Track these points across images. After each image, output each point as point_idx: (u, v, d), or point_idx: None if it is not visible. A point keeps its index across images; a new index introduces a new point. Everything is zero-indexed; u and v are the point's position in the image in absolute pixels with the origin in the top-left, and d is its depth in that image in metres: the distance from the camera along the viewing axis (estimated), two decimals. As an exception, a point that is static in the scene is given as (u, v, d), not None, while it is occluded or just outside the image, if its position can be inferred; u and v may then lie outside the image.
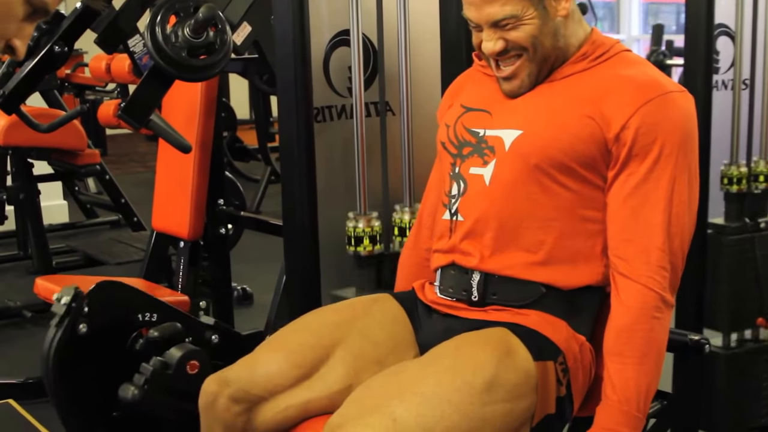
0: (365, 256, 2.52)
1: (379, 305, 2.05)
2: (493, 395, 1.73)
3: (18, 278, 5.45)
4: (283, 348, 1.96)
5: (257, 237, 4.06)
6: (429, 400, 1.69)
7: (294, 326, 2.04)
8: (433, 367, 1.77)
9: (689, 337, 2.03)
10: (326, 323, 2.00)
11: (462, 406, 1.70)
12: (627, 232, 1.86)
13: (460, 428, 1.69)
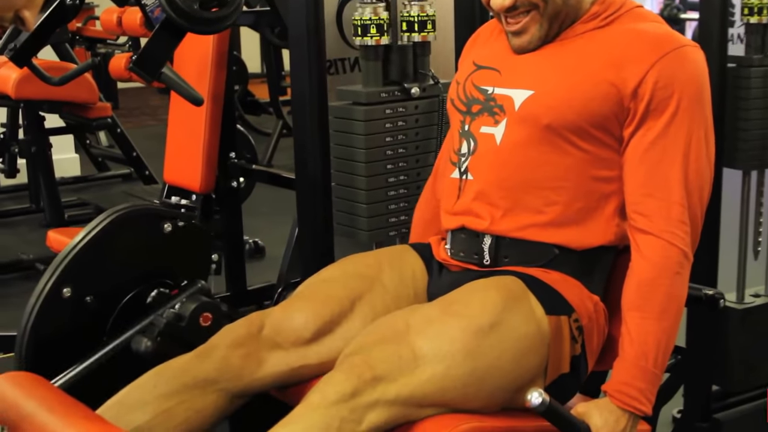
0: (372, 45, 2.47)
1: (402, 259, 2.06)
2: (501, 340, 1.73)
3: (30, 231, 5.46)
4: (311, 298, 1.97)
5: (269, 191, 4.05)
6: (433, 340, 1.71)
7: (324, 275, 2.05)
8: (443, 309, 1.78)
9: (704, 291, 2.02)
10: (354, 274, 2.00)
11: (466, 346, 1.71)
12: (646, 187, 1.84)
13: (462, 368, 1.70)
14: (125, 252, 2.44)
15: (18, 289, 4.73)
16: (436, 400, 1.69)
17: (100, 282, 2.38)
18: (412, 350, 1.70)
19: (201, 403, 1.90)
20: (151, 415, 1.87)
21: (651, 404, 1.78)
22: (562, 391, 1.84)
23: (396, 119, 2.44)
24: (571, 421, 1.73)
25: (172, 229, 2.47)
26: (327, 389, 1.66)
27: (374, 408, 1.65)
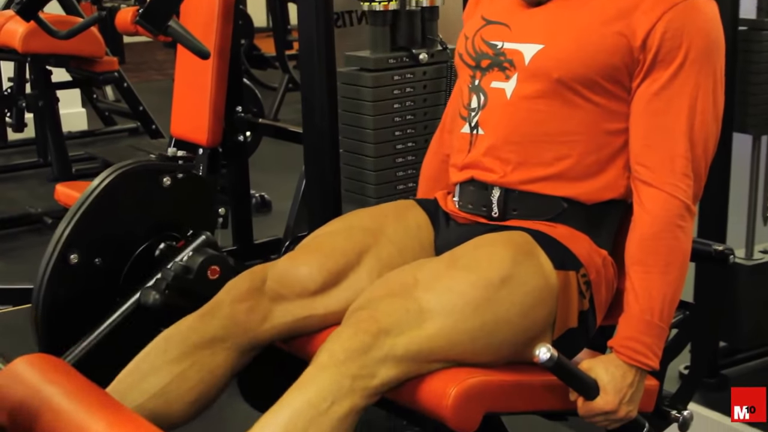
0: (380, 11, 2.45)
1: (409, 213, 2.04)
2: (509, 291, 1.72)
3: (38, 185, 5.47)
4: (317, 251, 1.96)
5: (275, 145, 4.05)
6: (441, 295, 1.70)
7: (328, 229, 2.04)
8: (451, 263, 1.77)
9: (713, 247, 2.00)
10: (360, 227, 1.99)
11: (475, 300, 1.70)
12: (650, 138, 1.83)
13: (471, 322, 1.69)
14: (128, 210, 2.44)
15: (26, 242, 4.75)
16: (444, 354, 1.69)
17: (106, 243, 2.39)
18: (420, 304, 1.69)
19: (213, 362, 1.90)
20: (165, 381, 1.88)
21: (658, 358, 1.78)
22: (570, 345, 1.83)
23: (404, 85, 2.44)
24: (579, 376, 1.73)
25: (171, 182, 2.47)
26: (335, 347, 1.66)
27: (384, 363, 1.65)
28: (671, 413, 1.98)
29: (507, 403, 1.75)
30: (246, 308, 1.90)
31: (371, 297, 1.75)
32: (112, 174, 2.40)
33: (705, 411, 2.66)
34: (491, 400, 1.70)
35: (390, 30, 2.46)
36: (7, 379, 1.87)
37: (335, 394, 1.62)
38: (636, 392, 1.77)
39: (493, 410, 1.72)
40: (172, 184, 2.47)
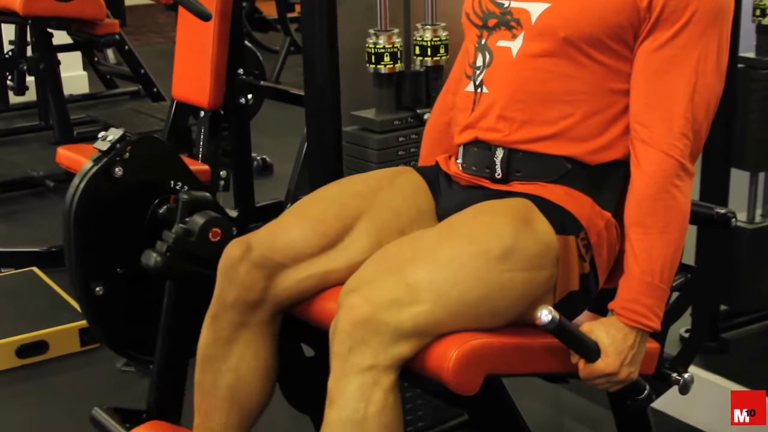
0: (386, 73, 2.47)
1: (402, 177, 2.04)
2: (511, 263, 1.72)
3: (40, 149, 5.47)
4: (307, 216, 1.95)
5: (276, 108, 4.05)
6: (444, 266, 1.69)
7: (318, 195, 2.03)
8: (449, 233, 1.76)
9: (715, 210, 2.00)
10: (351, 193, 1.98)
11: (478, 272, 1.69)
12: (650, 97, 1.82)
13: (476, 294, 1.68)
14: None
15: (28, 205, 4.76)
16: (450, 325, 1.68)
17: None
18: (419, 277, 1.67)
19: (252, 345, 1.96)
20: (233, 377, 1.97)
21: (659, 319, 1.78)
22: (572, 307, 1.84)
23: (409, 146, 2.45)
24: (580, 338, 1.73)
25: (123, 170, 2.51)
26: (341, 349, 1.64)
27: (395, 343, 1.63)
28: (672, 376, 1.98)
29: (508, 366, 1.75)
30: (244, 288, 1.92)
31: (366, 277, 1.72)
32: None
33: (705, 374, 2.67)
34: (492, 363, 1.70)
35: (395, 91, 2.49)
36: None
37: (365, 394, 1.63)
38: (637, 354, 1.77)
39: (494, 372, 1.72)
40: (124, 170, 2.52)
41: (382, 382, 1.63)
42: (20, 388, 3.06)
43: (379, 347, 1.63)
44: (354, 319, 1.64)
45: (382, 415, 1.64)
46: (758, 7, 2.94)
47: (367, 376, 1.63)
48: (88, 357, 3.23)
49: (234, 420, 2.00)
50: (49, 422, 2.85)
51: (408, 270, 1.68)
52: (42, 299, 3.50)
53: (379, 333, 1.62)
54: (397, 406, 1.67)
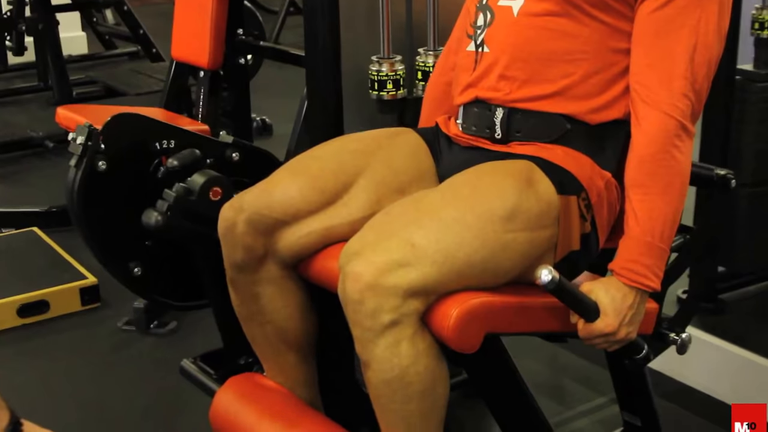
0: (388, 100, 2.49)
1: (401, 137, 2.04)
2: (515, 224, 1.72)
3: (39, 109, 5.47)
4: (304, 173, 1.95)
5: (276, 69, 4.04)
6: (449, 226, 1.69)
7: (315, 153, 2.02)
8: (453, 194, 1.76)
9: (715, 171, 2.00)
10: (349, 150, 1.98)
11: (482, 232, 1.70)
12: (650, 57, 1.82)
13: (481, 254, 1.69)
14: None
15: (28, 166, 4.76)
16: (454, 285, 1.68)
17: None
18: (427, 239, 1.67)
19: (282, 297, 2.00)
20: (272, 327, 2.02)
21: (659, 279, 1.78)
22: (572, 267, 1.84)
23: None
24: (579, 298, 1.73)
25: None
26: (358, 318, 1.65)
27: (406, 302, 1.63)
28: (670, 336, 2.00)
29: (508, 324, 1.76)
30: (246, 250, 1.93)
31: (368, 239, 1.71)
32: None
33: (702, 335, 2.69)
34: (492, 321, 1.71)
35: (398, 116, 2.50)
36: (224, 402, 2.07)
37: (393, 353, 1.65)
38: (636, 314, 1.77)
39: (494, 331, 1.73)
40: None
41: (405, 335, 1.65)
42: (21, 347, 3.07)
43: (392, 308, 1.63)
44: (362, 286, 1.64)
45: (417, 364, 1.66)
46: (757, 21, 2.94)
47: (389, 336, 1.64)
48: (89, 316, 3.24)
49: (295, 358, 2.07)
50: (50, 381, 2.86)
51: (412, 230, 1.68)
52: (42, 259, 3.51)
53: (389, 295, 1.63)
54: (430, 349, 1.68)
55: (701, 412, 2.58)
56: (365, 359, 1.69)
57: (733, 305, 3.10)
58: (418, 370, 1.67)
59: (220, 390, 2.11)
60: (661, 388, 2.30)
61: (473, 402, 2.57)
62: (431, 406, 1.73)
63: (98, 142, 2.39)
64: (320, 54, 2.44)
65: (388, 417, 1.74)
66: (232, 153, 2.50)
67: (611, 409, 2.49)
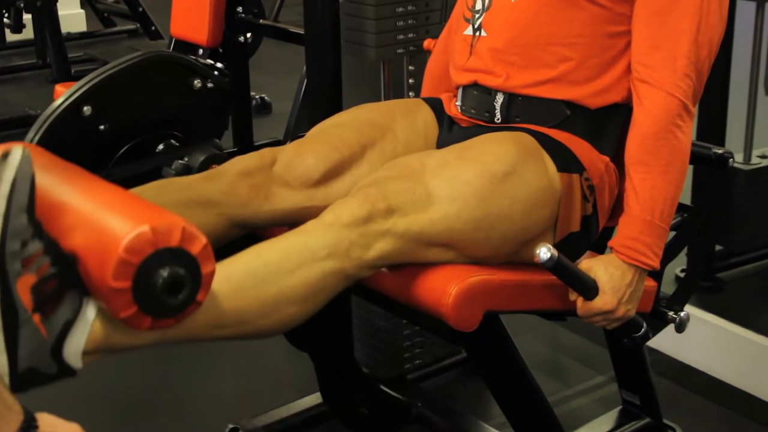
0: None
1: (415, 110, 2.05)
2: (513, 190, 1.73)
3: (37, 87, 5.45)
4: (323, 141, 1.95)
5: (274, 47, 4.02)
6: (448, 180, 1.71)
7: (337, 119, 2.04)
8: (458, 154, 1.78)
9: (713, 150, 2.01)
10: (367, 121, 1.99)
11: (480, 191, 1.71)
12: (653, 38, 1.82)
13: (474, 213, 1.70)
14: (149, 95, 2.44)
15: (26, 144, 4.74)
16: (444, 240, 1.70)
17: (119, 114, 2.39)
18: (426, 188, 1.70)
19: (200, 222, 1.77)
20: None
21: (658, 258, 1.79)
22: (573, 249, 1.84)
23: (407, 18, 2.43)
24: (578, 276, 1.74)
25: (200, 87, 2.46)
26: (342, 210, 1.66)
27: (383, 237, 1.66)
28: (668, 314, 2.00)
29: (507, 302, 1.77)
30: (249, 184, 1.89)
31: (380, 177, 1.75)
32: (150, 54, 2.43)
33: (700, 312, 2.69)
34: (491, 299, 1.72)
35: None
36: None
37: (331, 250, 1.62)
38: (635, 292, 1.78)
39: (493, 309, 1.74)
40: (200, 88, 2.46)
41: (347, 262, 1.63)
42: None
43: (370, 234, 1.64)
44: (367, 202, 1.66)
45: (327, 278, 1.62)
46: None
47: (345, 243, 1.63)
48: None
49: None
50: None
51: (420, 179, 1.71)
52: (41, 236, 3.50)
53: (378, 222, 1.65)
54: (332, 291, 1.65)
55: (699, 390, 2.59)
56: (307, 226, 1.65)
57: (731, 284, 3.11)
58: (320, 270, 1.61)
59: None
60: (657, 366, 2.31)
61: (472, 380, 2.58)
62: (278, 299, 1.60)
63: None
64: (320, 32, 2.43)
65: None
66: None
67: (610, 388, 2.51)
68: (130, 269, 1.32)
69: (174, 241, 1.35)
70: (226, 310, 1.52)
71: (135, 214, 1.39)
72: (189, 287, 1.36)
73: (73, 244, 1.40)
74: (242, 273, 1.57)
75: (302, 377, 2.30)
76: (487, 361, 1.91)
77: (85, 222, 1.41)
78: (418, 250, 1.70)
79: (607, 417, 2.32)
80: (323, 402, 2.33)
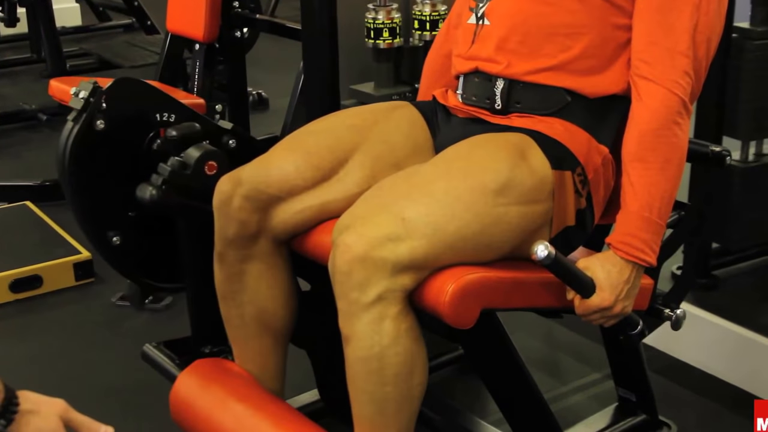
0: (384, 49, 2.48)
1: (398, 111, 2.03)
2: (507, 197, 1.72)
3: (32, 82, 5.43)
4: (299, 148, 1.94)
5: (271, 43, 4.03)
6: (439, 200, 1.69)
7: (311, 128, 2.02)
8: (445, 167, 1.77)
9: (711, 148, 2.01)
10: (345, 125, 1.98)
11: (474, 206, 1.70)
12: (653, 35, 1.82)
13: (472, 228, 1.69)
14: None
15: (20, 139, 4.74)
16: (447, 259, 1.69)
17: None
18: (417, 212, 1.67)
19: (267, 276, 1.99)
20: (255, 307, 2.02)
21: (655, 254, 1.79)
22: (568, 243, 1.85)
23: None
24: (575, 274, 1.74)
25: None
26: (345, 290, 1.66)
27: (395, 277, 1.64)
28: (664, 311, 2.00)
29: (504, 300, 1.77)
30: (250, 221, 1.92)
31: (360, 214, 1.72)
32: None
33: (695, 310, 2.69)
34: (489, 297, 1.72)
35: (393, 65, 2.49)
36: (186, 385, 2.03)
37: (375, 329, 1.65)
38: (632, 288, 1.78)
39: (490, 306, 1.74)
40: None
41: (390, 313, 1.65)
42: (14, 323, 3.06)
43: (380, 282, 1.64)
44: (351, 258, 1.64)
45: (397, 345, 1.67)
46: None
47: (373, 311, 1.65)
48: (83, 291, 3.23)
49: (269, 343, 2.06)
50: (43, 357, 2.85)
51: (403, 204, 1.68)
52: (36, 233, 3.50)
53: (378, 269, 1.63)
54: (411, 331, 1.69)
55: (694, 387, 2.59)
56: (346, 333, 1.69)
57: (727, 281, 3.10)
58: (397, 351, 1.67)
59: (185, 371, 2.09)
60: (653, 363, 2.31)
61: (468, 377, 2.58)
62: (406, 394, 1.73)
63: (101, 101, 2.35)
64: (317, 27, 2.43)
65: (361, 399, 1.74)
66: (229, 140, 2.46)
67: (606, 385, 2.50)
68: None
69: None
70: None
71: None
72: None
73: None
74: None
75: (299, 374, 2.29)
76: (483, 358, 1.91)
77: None
78: (427, 272, 1.69)
79: (603, 414, 2.32)
80: (320, 399, 2.32)
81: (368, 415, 1.74)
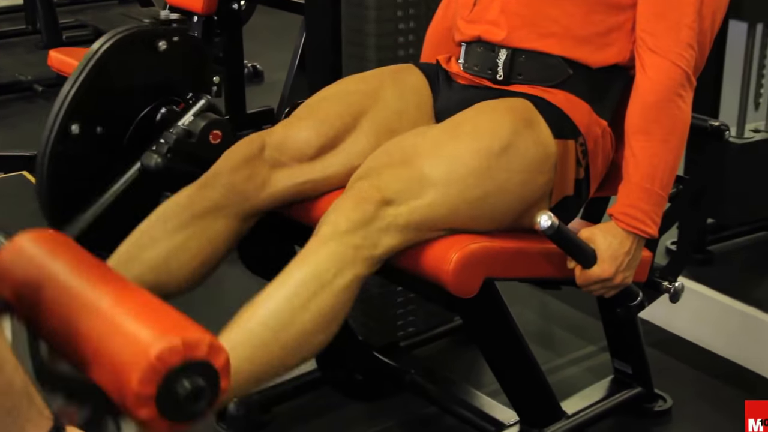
0: None
1: (403, 75, 2.04)
2: (510, 163, 1.74)
3: (27, 53, 5.41)
4: (311, 116, 1.95)
5: (267, 16, 4.02)
6: (446, 162, 1.72)
7: (323, 94, 2.03)
8: (453, 131, 1.78)
9: (709, 122, 2.02)
10: (354, 91, 1.99)
11: (479, 169, 1.72)
12: (658, 6, 1.82)
13: (475, 192, 1.71)
14: (125, 77, 2.43)
15: (17, 109, 4.73)
16: (446, 223, 1.71)
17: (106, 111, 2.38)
18: (421, 173, 1.70)
19: (212, 231, 1.90)
20: (165, 251, 1.88)
21: (657, 226, 1.81)
22: (566, 212, 1.86)
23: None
24: (577, 244, 1.75)
25: (167, 46, 2.46)
26: (338, 219, 1.67)
27: (387, 232, 1.67)
28: (663, 284, 2.02)
29: (506, 270, 1.78)
30: (244, 176, 1.90)
31: (372, 166, 1.76)
32: (107, 42, 2.38)
33: (692, 284, 2.71)
34: (491, 266, 1.73)
35: None
36: (11, 255, 1.79)
37: (338, 265, 1.64)
38: (632, 260, 1.80)
39: (493, 276, 1.75)
40: (167, 48, 2.46)
41: (359, 267, 1.66)
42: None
43: (373, 233, 1.66)
44: (362, 200, 1.66)
45: (343, 293, 1.65)
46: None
47: (350, 250, 1.65)
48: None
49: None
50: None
51: (414, 164, 1.71)
52: (33, 203, 3.48)
53: (378, 219, 1.66)
54: (352, 299, 1.68)
55: (689, 360, 2.60)
56: (306, 252, 1.67)
57: (722, 257, 3.12)
58: (340, 299, 1.65)
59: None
60: (648, 337, 2.32)
61: (464, 349, 2.59)
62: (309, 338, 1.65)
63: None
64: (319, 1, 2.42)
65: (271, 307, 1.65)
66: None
67: (602, 357, 2.52)
68: (156, 376, 1.37)
69: (200, 354, 1.40)
70: (257, 369, 1.60)
71: (167, 326, 1.45)
72: (207, 398, 1.41)
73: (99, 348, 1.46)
74: (259, 330, 1.61)
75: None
76: (483, 328, 1.92)
77: (116, 328, 1.48)
78: (423, 234, 1.71)
79: (599, 386, 2.34)
80: (317, 368, 2.34)
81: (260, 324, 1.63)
